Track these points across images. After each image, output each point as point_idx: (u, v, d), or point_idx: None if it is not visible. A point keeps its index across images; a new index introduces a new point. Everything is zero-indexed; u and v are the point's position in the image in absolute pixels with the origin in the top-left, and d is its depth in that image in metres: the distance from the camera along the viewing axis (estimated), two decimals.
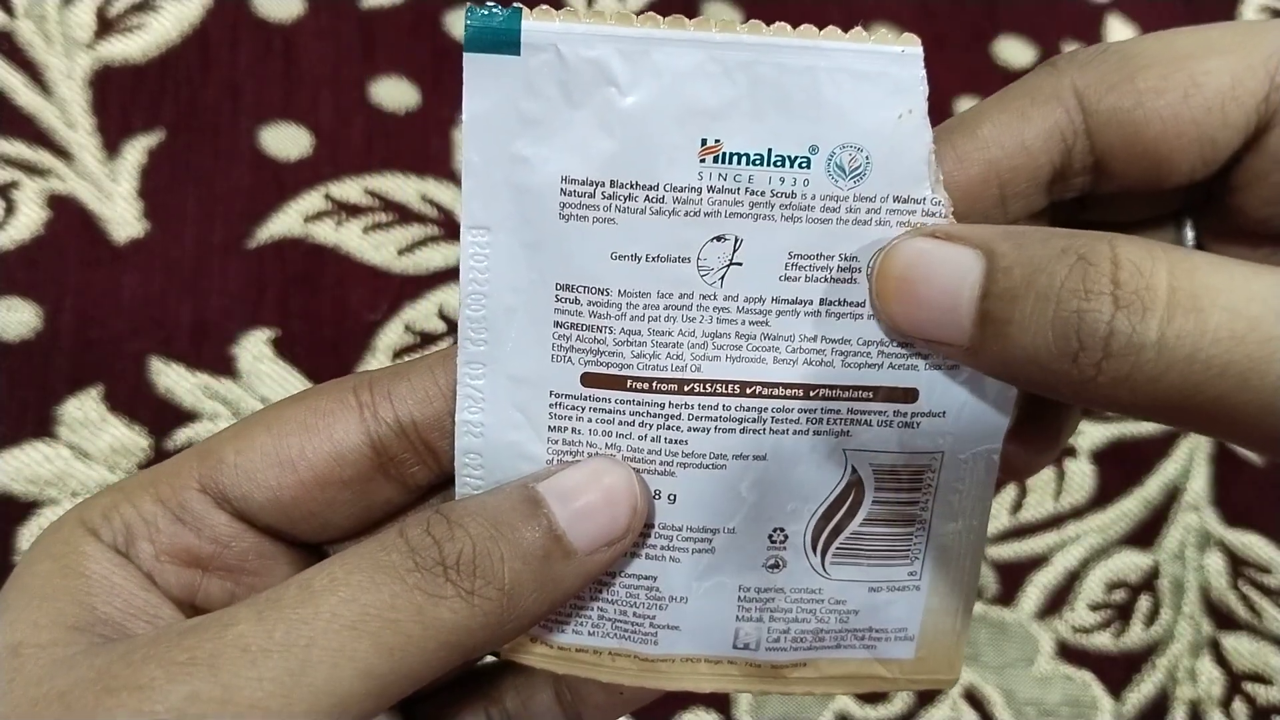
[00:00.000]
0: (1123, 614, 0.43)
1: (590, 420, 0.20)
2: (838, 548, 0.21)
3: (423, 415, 0.20)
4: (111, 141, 0.43)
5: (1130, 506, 0.45)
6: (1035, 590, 0.43)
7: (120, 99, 0.44)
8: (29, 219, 0.41)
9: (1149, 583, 0.44)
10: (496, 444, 0.20)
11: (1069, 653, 0.42)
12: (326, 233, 0.44)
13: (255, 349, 0.41)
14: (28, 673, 0.17)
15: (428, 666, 0.17)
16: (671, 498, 0.20)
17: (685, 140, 0.18)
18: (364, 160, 0.45)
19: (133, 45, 0.45)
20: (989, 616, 0.42)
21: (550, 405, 0.20)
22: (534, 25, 0.18)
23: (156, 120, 0.44)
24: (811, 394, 0.20)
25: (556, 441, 0.20)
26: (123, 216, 0.42)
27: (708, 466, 0.20)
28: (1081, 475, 0.45)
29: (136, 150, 0.44)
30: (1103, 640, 0.42)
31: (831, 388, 0.20)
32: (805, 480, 0.21)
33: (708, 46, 0.18)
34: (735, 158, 0.19)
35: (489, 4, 0.18)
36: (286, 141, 0.45)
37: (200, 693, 0.16)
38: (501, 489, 0.19)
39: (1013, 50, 0.55)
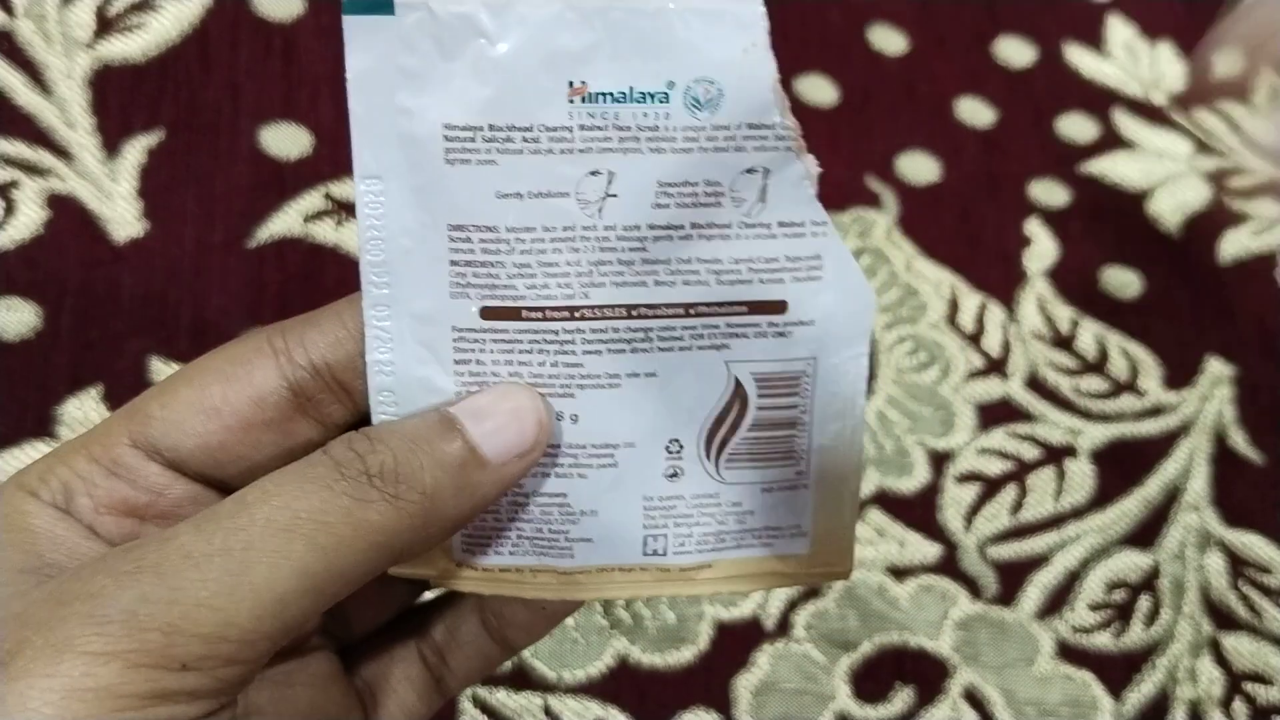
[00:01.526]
0: (1123, 614, 0.43)
1: (492, 351, 0.22)
2: (730, 453, 0.23)
3: (335, 357, 0.21)
4: (111, 141, 0.43)
5: (1130, 506, 0.45)
6: (1035, 590, 0.43)
7: (120, 98, 0.44)
8: (29, 219, 0.41)
9: (1149, 583, 0.44)
10: (407, 379, 0.22)
11: (1069, 653, 0.42)
12: (327, 232, 0.44)
13: None
14: None
15: (360, 566, 0.19)
16: (574, 418, 0.22)
17: (554, 83, 0.20)
18: None
19: (133, 45, 0.45)
20: (989, 616, 0.42)
21: (454, 340, 0.21)
22: None
23: (156, 120, 0.44)
24: (691, 312, 0.22)
25: (463, 374, 0.22)
26: (122, 216, 0.42)
27: (604, 386, 0.22)
28: (1081, 475, 0.45)
29: (136, 150, 0.44)
30: (1103, 640, 0.42)
31: (709, 304, 0.22)
32: (694, 392, 0.22)
33: None
34: (601, 97, 0.20)
35: None
36: (287, 141, 0.45)
37: (149, 594, 0.17)
38: (418, 414, 0.21)
39: (1013, 50, 0.55)
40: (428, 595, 0.26)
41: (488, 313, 0.21)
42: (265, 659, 0.18)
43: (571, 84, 0.20)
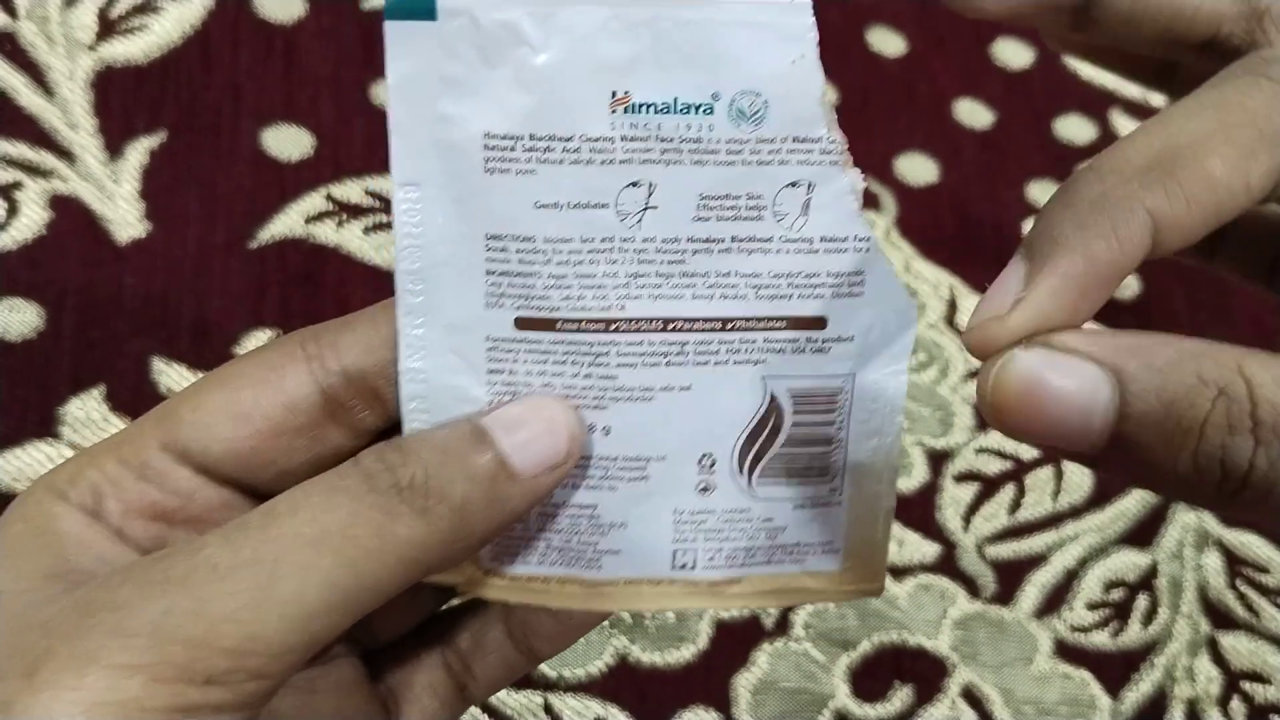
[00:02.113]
0: (1121, 613, 0.43)
1: (526, 362, 0.21)
2: (763, 469, 0.23)
3: (368, 363, 0.21)
4: (113, 142, 0.44)
5: (1128, 506, 0.45)
6: (1033, 589, 0.43)
7: (122, 100, 0.44)
8: (31, 219, 0.42)
9: (1147, 582, 0.44)
10: (439, 388, 0.21)
11: (1067, 651, 0.42)
12: (328, 233, 0.44)
13: None
14: (10, 613, 0.18)
15: (388, 580, 0.19)
16: (606, 430, 0.22)
17: (596, 93, 0.19)
18: (365, 161, 0.46)
19: (134, 46, 0.45)
20: (987, 615, 0.42)
21: (487, 349, 0.21)
22: None
23: (158, 121, 0.44)
24: (728, 326, 0.21)
25: (495, 384, 0.21)
26: (124, 217, 0.43)
27: (637, 399, 0.22)
28: (1080, 475, 0.45)
29: (138, 151, 0.44)
30: (1101, 639, 0.42)
31: (746, 319, 0.21)
32: (729, 407, 0.22)
33: (611, 5, 0.19)
34: (644, 107, 0.20)
35: None
36: (288, 142, 0.45)
37: (174, 607, 0.17)
38: (449, 424, 0.21)
39: (1012, 52, 0.55)
40: (453, 602, 0.26)
41: (522, 323, 0.21)
42: (291, 673, 0.18)
43: (614, 94, 0.20)
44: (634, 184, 0.20)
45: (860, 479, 0.23)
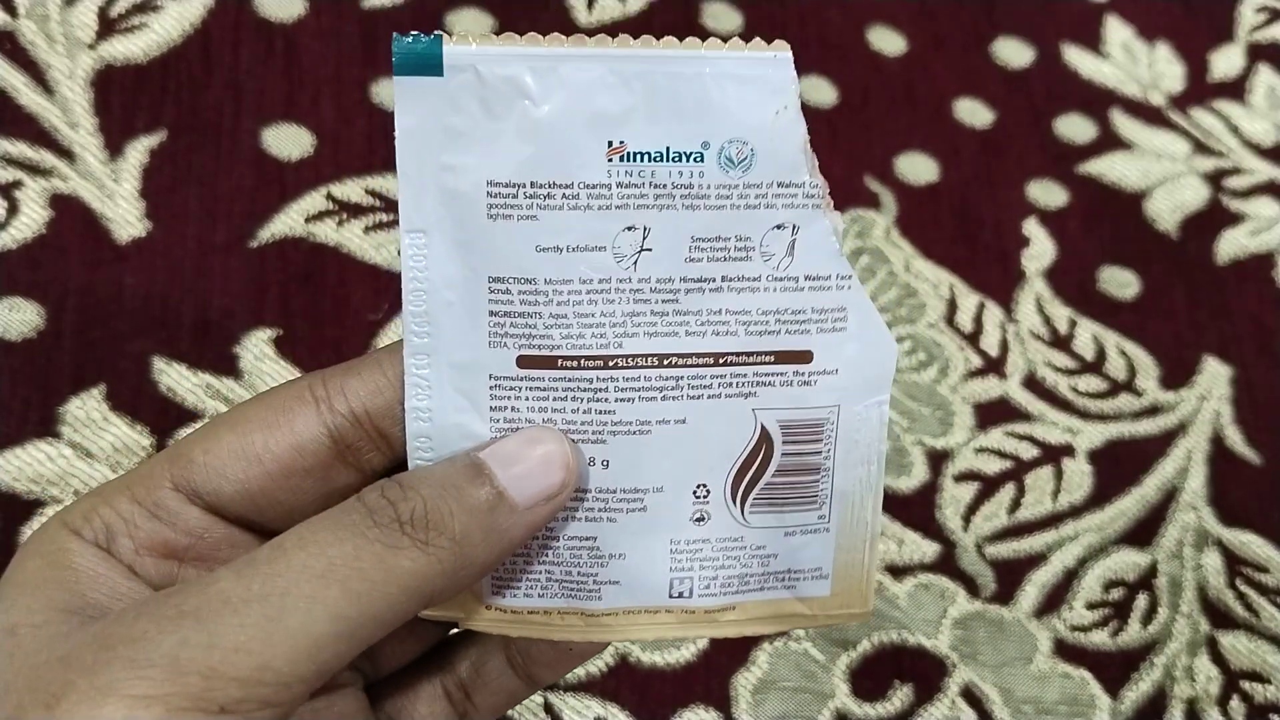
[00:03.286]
0: (1120, 612, 0.43)
1: (527, 399, 0.22)
2: (755, 498, 0.24)
3: (374, 405, 0.22)
4: (114, 141, 0.44)
5: (1128, 505, 0.45)
6: (1033, 589, 0.43)
7: (122, 99, 0.44)
8: (31, 219, 0.42)
9: (1146, 581, 0.44)
10: (443, 425, 0.22)
11: (1067, 651, 0.42)
12: (328, 232, 0.44)
13: (257, 348, 0.42)
14: (26, 647, 0.18)
15: (393, 610, 0.19)
16: (605, 463, 0.23)
17: (594, 143, 0.21)
18: (366, 160, 0.46)
19: (135, 45, 0.45)
20: (987, 615, 0.42)
21: (490, 387, 0.22)
22: (454, 49, 0.20)
23: (158, 120, 0.44)
24: (720, 361, 0.22)
25: (498, 420, 0.22)
26: (125, 216, 0.43)
27: (635, 433, 0.22)
28: (1079, 475, 0.45)
29: (139, 150, 0.44)
30: (1100, 638, 0.43)
31: (737, 354, 0.23)
32: (722, 439, 0.23)
33: (607, 60, 0.20)
34: (638, 156, 0.21)
35: (414, 32, 0.20)
36: (288, 141, 0.45)
37: (189, 639, 0.18)
38: (447, 459, 0.22)
39: (1011, 51, 0.55)
40: (454, 630, 0.26)
41: (524, 361, 0.22)
42: (301, 701, 0.19)
43: (611, 144, 0.21)
44: (630, 228, 0.21)
45: (846, 506, 0.24)
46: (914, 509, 0.44)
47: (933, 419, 0.45)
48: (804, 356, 0.23)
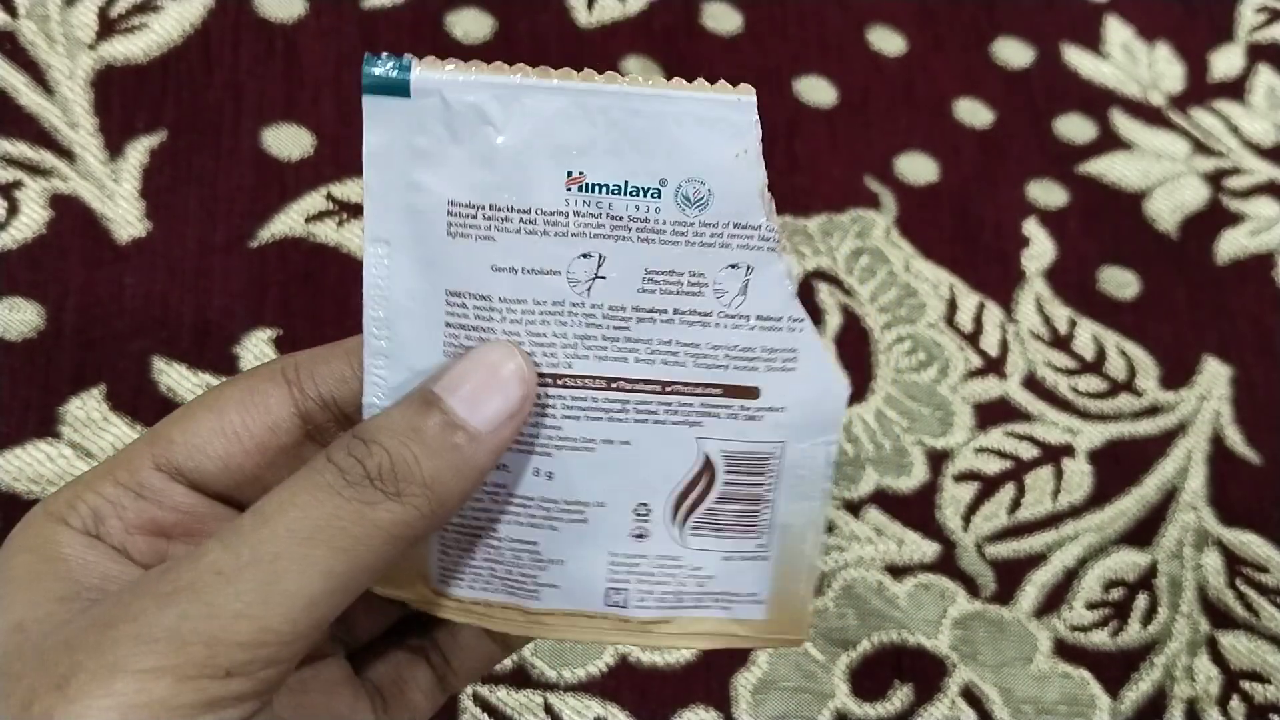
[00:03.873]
0: (1120, 612, 0.43)
1: None
2: (694, 522, 0.24)
3: (340, 394, 0.23)
4: (114, 142, 0.44)
5: (1128, 505, 0.45)
6: (1033, 589, 0.43)
7: (122, 99, 0.44)
8: (31, 219, 0.42)
9: (1146, 581, 0.44)
10: None
11: (1067, 651, 0.42)
12: (328, 232, 0.44)
13: (257, 348, 0.42)
14: (34, 639, 0.19)
15: (379, 560, 0.20)
16: (549, 475, 0.23)
17: (553, 172, 0.21)
18: None
19: (135, 45, 0.45)
20: (987, 615, 0.42)
21: None
22: (422, 74, 0.21)
23: (159, 120, 0.44)
24: (667, 389, 0.23)
25: None
26: (125, 216, 0.43)
27: (580, 449, 0.23)
28: (1079, 475, 0.45)
29: (139, 150, 0.44)
30: (1100, 638, 0.43)
31: (684, 384, 0.23)
32: (665, 463, 0.24)
33: (571, 94, 0.21)
34: (597, 187, 0.21)
35: (385, 54, 0.21)
36: (288, 141, 0.45)
37: (188, 611, 0.18)
38: (404, 399, 0.22)
39: (1011, 51, 0.55)
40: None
41: None
42: (301, 655, 0.19)
43: (570, 173, 0.21)
44: (585, 255, 0.22)
45: (787, 538, 0.25)
46: (914, 509, 0.44)
47: (933, 419, 0.45)
48: (750, 392, 0.23)
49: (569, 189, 0.21)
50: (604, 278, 0.22)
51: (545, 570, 0.24)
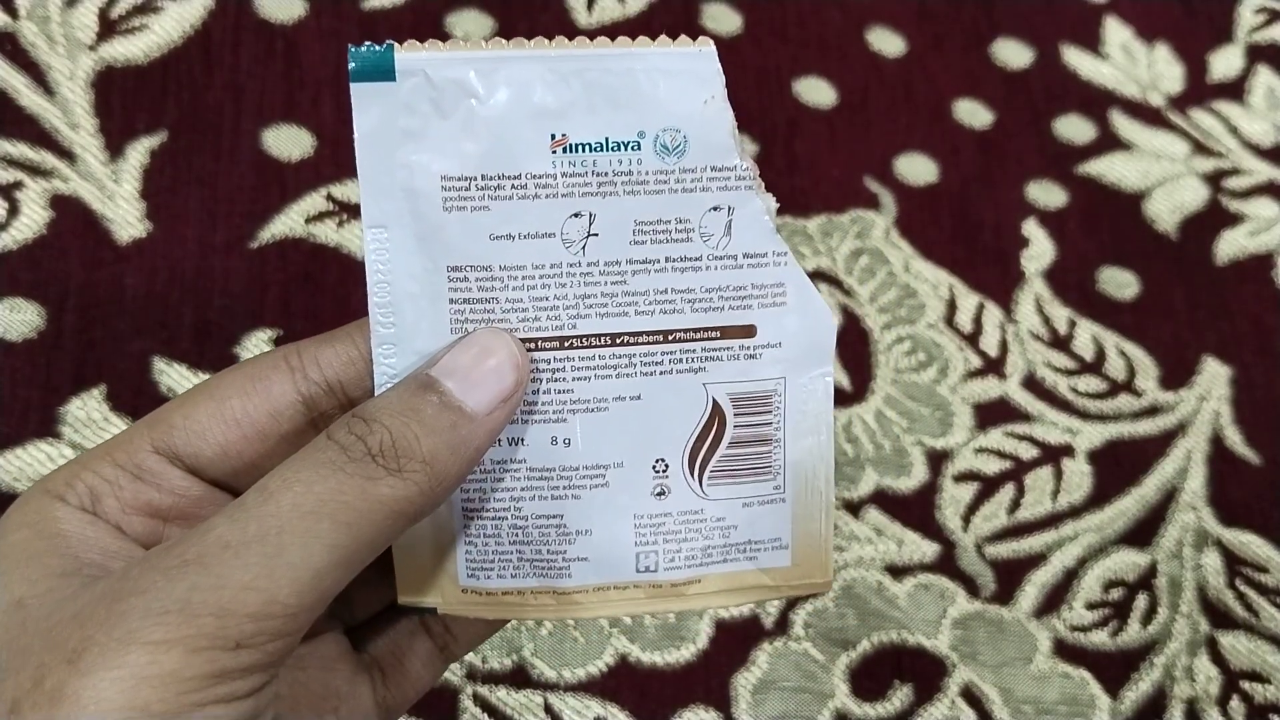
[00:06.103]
0: (1120, 612, 0.43)
1: None
2: (711, 470, 0.25)
3: (346, 376, 0.23)
4: (114, 142, 0.44)
5: (1127, 506, 0.45)
6: (1033, 589, 0.43)
7: (123, 100, 0.44)
8: (32, 219, 0.42)
9: (1146, 581, 0.44)
10: None
11: (1066, 651, 0.42)
12: (328, 233, 0.44)
13: (257, 349, 0.42)
14: (37, 615, 0.19)
15: (382, 534, 0.20)
16: (566, 441, 0.24)
17: (537, 136, 0.22)
18: None
19: (135, 46, 0.46)
20: (986, 615, 0.42)
21: None
22: (405, 55, 0.22)
23: (159, 121, 0.44)
24: (669, 338, 0.24)
25: None
26: (125, 217, 0.43)
27: (593, 410, 0.24)
28: (1079, 475, 0.45)
29: (139, 151, 0.44)
30: (1100, 638, 0.43)
31: (685, 331, 0.24)
32: (676, 413, 0.24)
33: (546, 60, 0.22)
34: (580, 147, 0.22)
35: (367, 43, 0.22)
36: (288, 142, 0.45)
37: (198, 584, 0.19)
38: (402, 381, 0.22)
39: (1010, 52, 0.55)
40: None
41: None
42: (304, 630, 0.20)
43: (553, 136, 0.22)
44: (576, 214, 0.23)
45: (800, 476, 0.25)
46: (914, 509, 0.44)
47: (932, 419, 0.45)
48: (748, 331, 0.24)
49: (554, 151, 0.22)
50: (596, 235, 0.23)
51: (573, 543, 0.24)
